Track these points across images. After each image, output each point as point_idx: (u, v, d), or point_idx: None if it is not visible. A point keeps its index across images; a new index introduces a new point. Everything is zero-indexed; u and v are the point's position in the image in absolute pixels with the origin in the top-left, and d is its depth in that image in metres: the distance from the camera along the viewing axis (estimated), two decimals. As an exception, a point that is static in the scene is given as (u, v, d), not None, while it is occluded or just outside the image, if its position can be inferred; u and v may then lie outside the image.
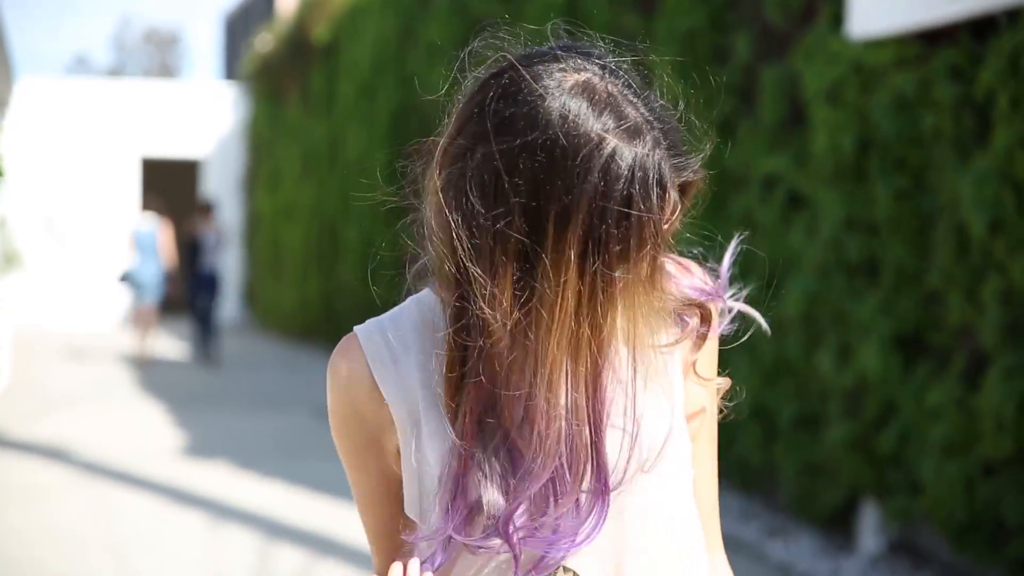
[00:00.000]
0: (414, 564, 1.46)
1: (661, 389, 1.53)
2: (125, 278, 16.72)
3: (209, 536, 7.18)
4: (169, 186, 27.87)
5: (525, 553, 1.47)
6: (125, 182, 24.82)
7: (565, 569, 1.51)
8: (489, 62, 1.49)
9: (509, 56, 1.47)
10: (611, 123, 1.41)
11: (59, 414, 11.77)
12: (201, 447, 10.09)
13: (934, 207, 6.07)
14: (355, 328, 1.57)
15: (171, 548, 6.97)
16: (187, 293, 17.55)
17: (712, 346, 1.61)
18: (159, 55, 53.85)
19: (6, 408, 12.14)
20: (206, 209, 17.42)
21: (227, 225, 17.42)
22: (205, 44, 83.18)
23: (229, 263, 25.15)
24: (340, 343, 1.57)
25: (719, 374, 1.63)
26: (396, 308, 1.61)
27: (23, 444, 10.00)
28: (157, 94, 25.43)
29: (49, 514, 7.66)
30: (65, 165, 24.37)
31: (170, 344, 20.22)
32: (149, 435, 10.74)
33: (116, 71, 52.61)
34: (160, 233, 16.77)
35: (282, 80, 21.72)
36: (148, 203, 17.67)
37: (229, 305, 25.75)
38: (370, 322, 1.59)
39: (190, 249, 17.11)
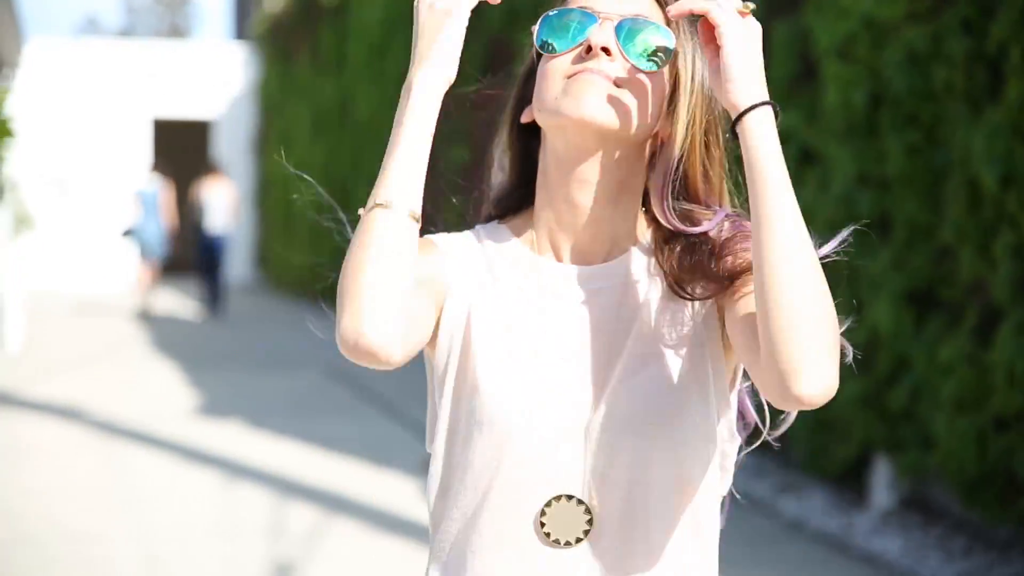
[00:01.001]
0: None
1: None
2: (128, 233, 17.58)
3: (223, 494, 7.21)
4: (180, 147, 27.87)
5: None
6: (136, 143, 24.81)
7: (575, 500, 1.54)
8: None
9: None
10: None
11: (72, 374, 11.81)
12: (214, 406, 10.13)
13: (946, 162, 6.05)
14: None
15: (185, 506, 7.00)
16: (195, 253, 18.16)
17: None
18: (169, 16, 53.73)
19: (20, 369, 12.19)
20: (213, 171, 18.17)
21: (233, 190, 18.45)
22: (215, 4, 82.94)
23: (241, 223, 25.24)
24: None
25: None
26: None
27: (37, 404, 10.05)
28: (167, 55, 25.40)
29: (63, 473, 7.70)
30: (76, 126, 24.36)
31: (181, 303, 20.27)
32: (162, 394, 10.78)
33: (127, 32, 52.52)
34: (162, 194, 17.53)
35: (292, 40, 21.67)
36: (155, 165, 18.43)
37: (241, 266, 25.80)
38: None
39: (197, 211, 17.83)
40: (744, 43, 1.51)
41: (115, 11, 79.72)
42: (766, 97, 1.52)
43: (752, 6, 1.55)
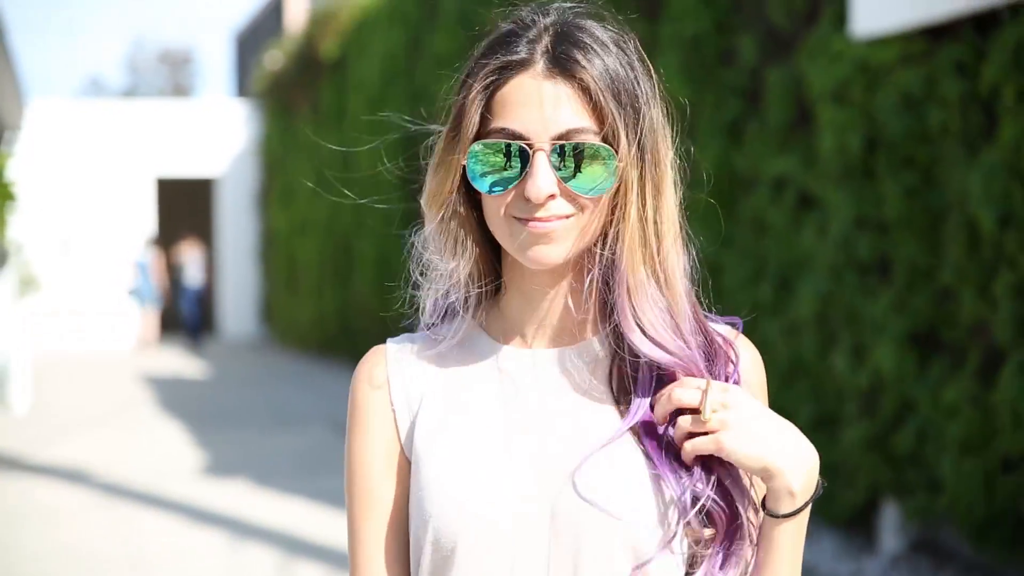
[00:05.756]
0: None
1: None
2: (132, 292, 23.00)
3: (229, 554, 7.19)
4: (184, 205, 27.95)
5: None
6: (140, 202, 24.90)
7: None
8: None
9: None
10: None
11: (78, 436, 11.80)
12: (220, 465, 10.11)
13: (943, 203, 6.06)
14: None
15: (191, 566, 6.98)
16: (175, 302, 24.46)
17: None
18: (172, 75, 54.03)
19: (26, 431, 12.18)
20: (188, 237, 24.20)
21: (200, 255, 24.03)
22: (217, 62, 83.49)
23: (247, 279, 25.52)
24: None
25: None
26: None
27: (44, 466, 10.03)
28: (170, 113, 25.51)
29: (69, 535, 7.68)
30: (80, 187, 24.45)
31: (185, 363, 20.29)
32: (168, 454, 10.77)
33: (130, 92, 52.80)
34: (152, 261, 22.88)
35: (292, 96, 21.78)
36: (151, 239, 23.44)
37: (245, 321, 25.85)
38: None
39: (177, 270, 23.89)
40: (749, 435, 1.49)
41: (118, 71, 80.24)
42: (809, 494, 1.52)
43: (713, 409, 1.49)
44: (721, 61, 7.84)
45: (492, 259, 1.64)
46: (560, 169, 1.51)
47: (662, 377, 1.56)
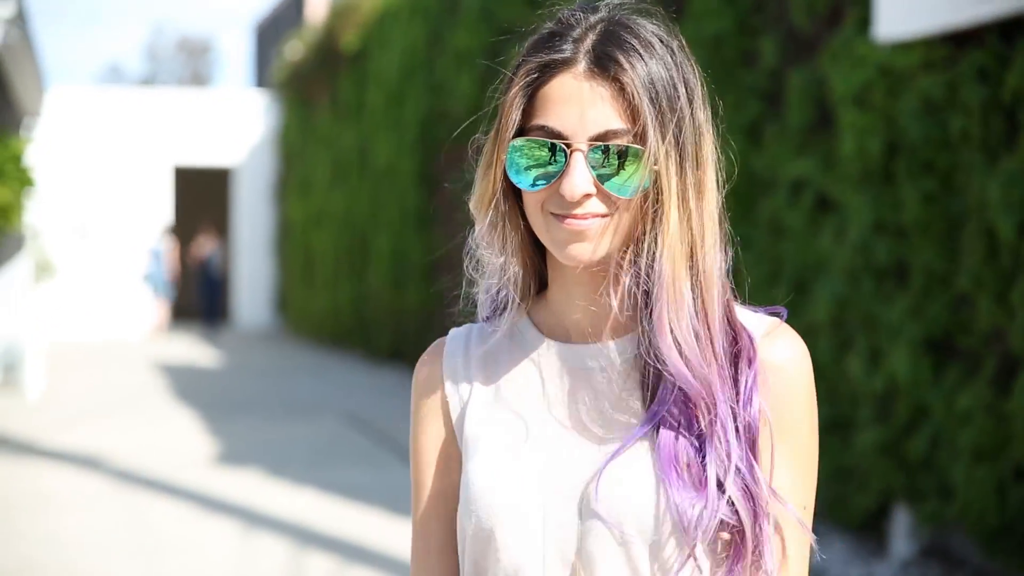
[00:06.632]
0: None
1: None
2: (146, 279, 23.92)
3: (241, 543, 7.21)
4: (201, 194, 28.00)
5: None
6: (157, 191, 24.94)
7: None
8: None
9: None
10: None
11: (91, 422, 11.84)
12: (233, 455, 10.14)
13: (962, 210, 6.05)
14: None
15: (203, 555, 7.00)
16: (198, 291, 26.00)
17: None
18: (191, 64, 54.09)
19: (39, 417, 12.22)
20: (207, 228, 25.83)
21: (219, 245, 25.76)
22: (236, 52, 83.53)
23: (263, 269, 25.63)
24: None
25: None
26: None
27: (57, 453, 10.07)
28: (189, 103, 25.55)
29: (82, 522, 7.71)
30: (97, 174, 24.51)
31: (199, 351, 20.33)
32: (181, 443, 10.80)
33: (149, 80, 52.87)
34: (167, 249, 23.89)
35: (312, 88, 21.80)
36: (167, 228, 24.43)
37: (260, 311, 25.90)
38: None
39: (203, 261, 25.37)
40: None
41: (137, 59, 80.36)
42: None
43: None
44: (742, 62, 7.84)
45: (539, 255, 1.66)
46: (597, 168, 1.52)
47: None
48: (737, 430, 1.54)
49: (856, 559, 6.62)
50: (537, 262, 1.66)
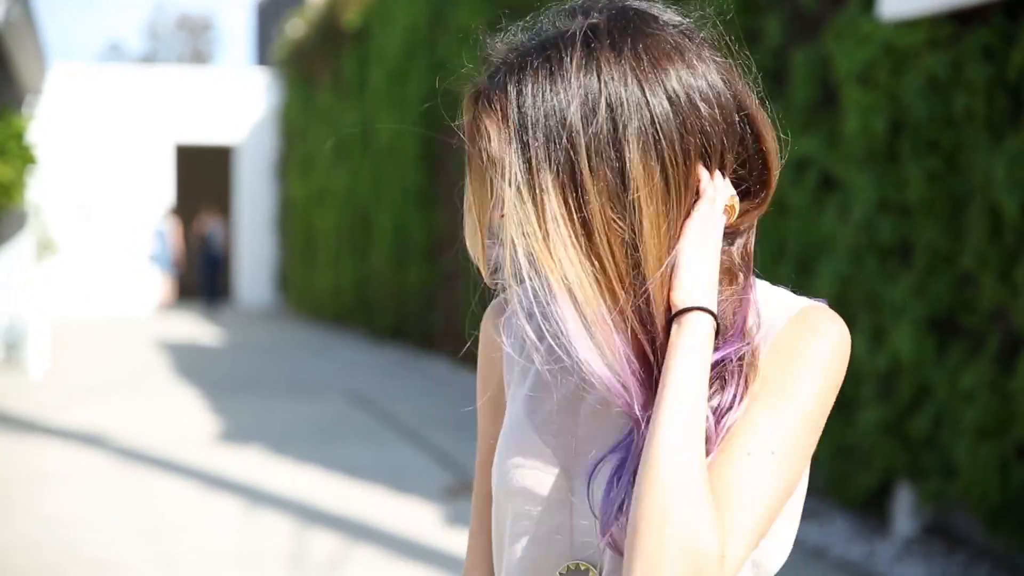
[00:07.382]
0: None
1: None
2: (152, 260, 24.31)
3: (245, 521, 7.22)
4: (203, 172, 27.98)
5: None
6: (159, 169, 24.93)
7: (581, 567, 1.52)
8: None
9: None
10: None
11: (95, 400, 11.85)
12: (236, 432, 10.15)
13: (967, 189, 6.04)
14: None
15: (206, 533, 7.01)
16: (198, 268, 26.04)
17: None
18: (192, 41, 54.01)
19: (43, 395, 12.23)
20: (210, 206, 26.03)
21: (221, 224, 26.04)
22: (237, 30, 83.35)
23: (264, 248, 25.64)
24: None
25: None
26: None
27: (59, 430, 10.08)
28: (190, 80, 25.52)
29: (85, 500, 7.72)
30: (99, 152, 24.50)
31: (201, 329, 20.35)
32: (184, 421, 10.81)
33: (149, 58, 52.79)
34: (170, 229, 24.25)
35: (314, 66, 21.76)
36: (169, 208, 24.82)
37: (261, 290, 25.92)
38: None
39: (204, 240, 25.46)
40: (702, 238, 1.50)
41: (138, 37, 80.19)
42: (707, 304, 1.46)
43: (736, 200, 1.54)
44: (746, 40, 7.81)
45: None
46: None
47: None
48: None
49: (858, 537, 6.63)
50: None
